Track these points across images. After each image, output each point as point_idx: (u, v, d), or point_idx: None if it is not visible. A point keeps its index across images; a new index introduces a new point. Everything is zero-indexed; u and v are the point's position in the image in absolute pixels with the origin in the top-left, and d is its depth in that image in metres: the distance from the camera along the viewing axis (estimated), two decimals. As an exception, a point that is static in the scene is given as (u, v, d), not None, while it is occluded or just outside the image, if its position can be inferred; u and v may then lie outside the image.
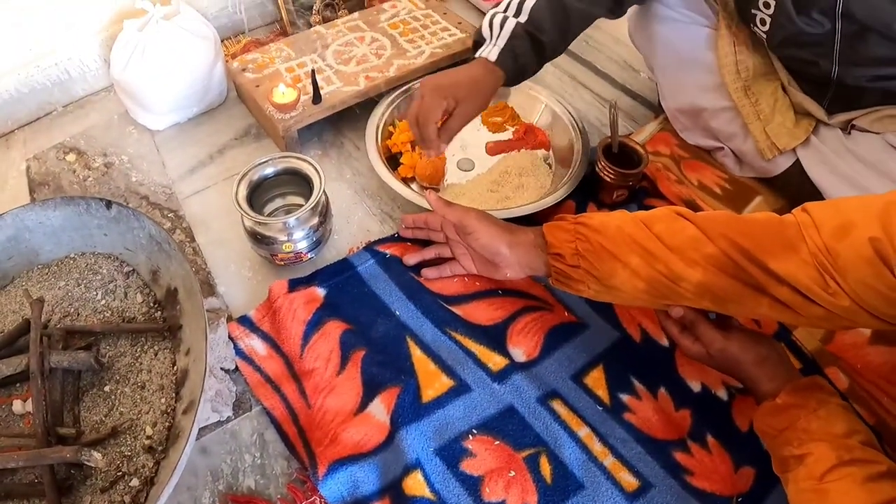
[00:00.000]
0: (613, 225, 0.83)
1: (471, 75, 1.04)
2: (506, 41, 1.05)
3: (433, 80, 1.03)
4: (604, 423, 0.88)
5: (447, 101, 0.99)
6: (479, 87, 1.04)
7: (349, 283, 1.02)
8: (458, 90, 1.00)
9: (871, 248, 0.65)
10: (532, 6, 1.06)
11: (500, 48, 1.05)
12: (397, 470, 0.81)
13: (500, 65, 1.05)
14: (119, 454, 0.81)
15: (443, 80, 1.02)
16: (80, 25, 1.31)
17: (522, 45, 1.06)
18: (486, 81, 1.05)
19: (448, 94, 0.99)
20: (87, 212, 0.97)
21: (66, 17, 1.29)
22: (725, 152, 1.23)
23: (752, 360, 0.82)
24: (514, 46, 1.05)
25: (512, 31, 1.06)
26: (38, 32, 1.27)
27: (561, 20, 1.07)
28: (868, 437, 0.73)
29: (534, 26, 1.05)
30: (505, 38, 1.06)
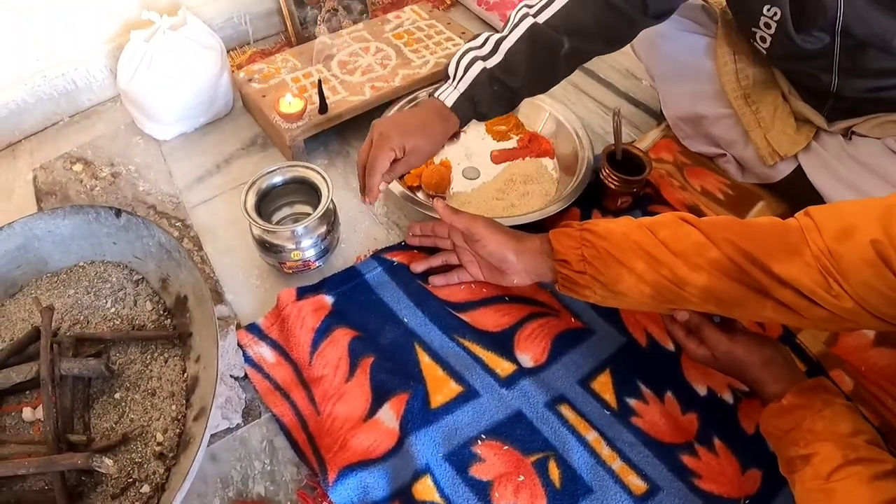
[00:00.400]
0: (619, 231, 0.84)
1: (423, 121, 1.00)
2: (466, 87, 1.00)
3: (382, 127, 0.98)
4: (611, 427, 0.89)
5: (395, 151, 0.96)
6: (430, 133, 1.00)
7: (357, 290, 1.03)
8: (406, 139, 0.97)
9: (873, 250, 0.66)
10: (509, 48, 0.99)
11: (459, 93, 1.00)
12: (407, 475, 0.81)
13: (455, 110, 1.00)
14: (130, 461, 0.82)
15: (392, 128, 0.98)
16: (86, 36, 1.33)
17: (484, 92, 1.00)
18: (438, 127, 1.01)
19: (396, 145, 0.96)
20: (96, 220, 0.98)
21: (72, 28, 1.30)
22: (727, 159, 1.23)
23: (757, 362, 0.83)
24: (475, 94, 1.00)
25: (475, 77, 0.99)
26: (45, 43, 1.28)
27: (544, 61, 1.00)
28: (873, 437, 0.73)
29: (505, 71, 0.99)
30: (466, 84, 1.00)
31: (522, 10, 1.00)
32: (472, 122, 1.27)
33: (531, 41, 0.98)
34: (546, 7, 0.98)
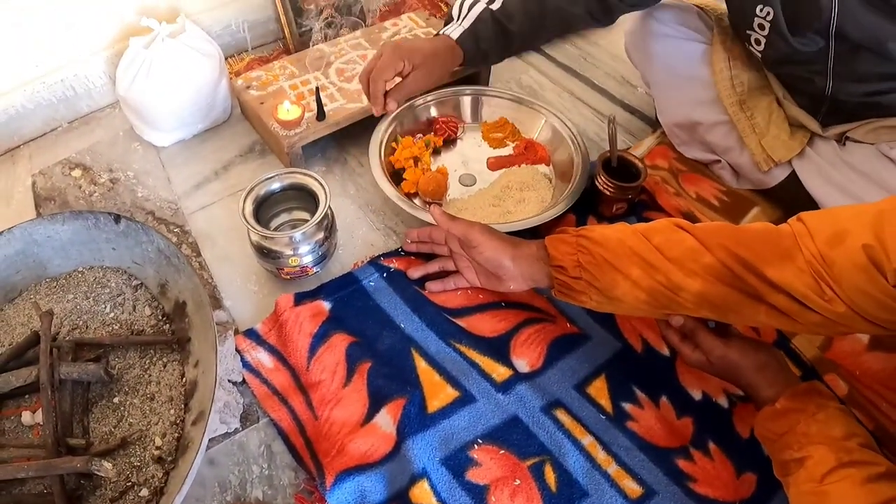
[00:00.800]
0: (614, 237, 0.85)
1: (432, 46, 1.08)
2: (471, 23, 1.08)
3: (394, 42, 1.06)
4: (607, 431, 0.89)
5: (403, 62, 1.02)
6: (438, 58, 1.08)
7: (354, 296, 1.04)
8: (415, 56, 1.04)
9: (865, 254, 0.67)
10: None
11: (463, 28, 1.08)
12: (404, 480, 0.82)
13: (460, 44, 1.08)
14: (128, 464, 0.82)
15: (403, 44, 1.06)
16: (85, 42, 1.34)
17: (486, 29, 1.08)
18: (445, 56, 1.08)
19: (405, 57, 1.02)
20: (95, 226, 0.99)
21: (71, 34, 1.31)
22: (722, 165, 1.25)
23: (751, 367, 0.84)
24: (478, 30, 1.08)
25: (478, 14, 1.08)
26: (44, 49, 1.29)
27: (534, 14, 1.08)
28: (867, 440, 0.74)
29: (504, 14, 1.07)
30: (470, 20, 1.08)
31: None
32: (469, 129, 1.29)
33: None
34: None
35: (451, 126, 1.29)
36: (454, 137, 1.30)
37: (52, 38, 1.29)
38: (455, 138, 1.30)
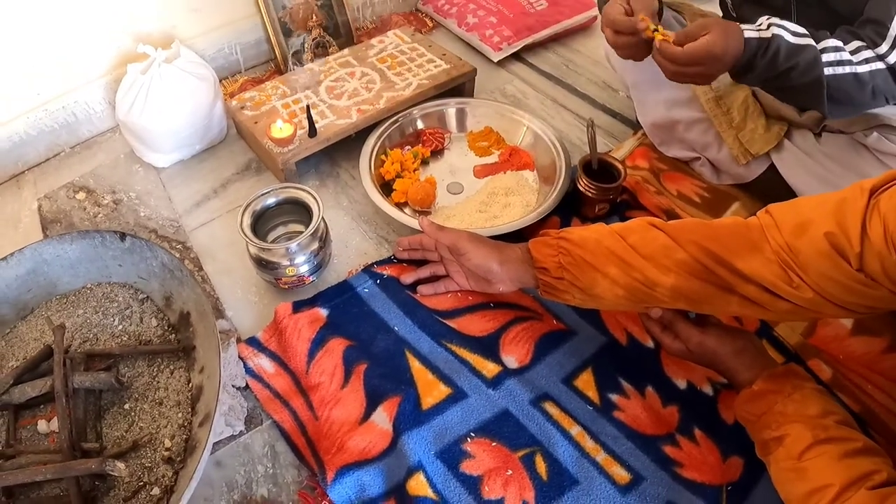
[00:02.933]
0: (592, 238, 0.89)
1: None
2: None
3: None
4: (595, 421, 0.93)
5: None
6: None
7: (350, 303, 1.07)
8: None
9: (828, 242, 0.71)
10: None
11: None
12: (401, 473, 0.85)
13: None
14: (140, 466, 0.86)
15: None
16: (85, 70, 1.38)
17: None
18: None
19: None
20: (102, 244, 1.03)
21: (71, 63, 1.35)
22: (702, 162, 1.28)
23: (729, 352, 0.87)
24: None
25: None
26: (45, 78, 1.33)
27: None
28: (843, 417, 0.77)
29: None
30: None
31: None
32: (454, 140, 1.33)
33: None
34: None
35: (438, 137, 1.34)
36: (441, 148, 1.35)
37: (53, 66, 1.33)
38: (442, 149, 1.35)
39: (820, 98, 0.94)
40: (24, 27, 1.25)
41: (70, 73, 1.36)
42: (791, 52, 0.91)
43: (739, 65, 0.93)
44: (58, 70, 1.34)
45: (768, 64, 0.92)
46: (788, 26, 0.92)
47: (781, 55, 0.91)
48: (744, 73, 0.96)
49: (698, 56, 0.92)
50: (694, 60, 0.93)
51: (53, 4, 1.26)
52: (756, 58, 0.92)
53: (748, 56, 0.92)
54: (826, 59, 0.91)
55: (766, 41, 0.92)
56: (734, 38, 0.91)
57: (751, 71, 0.94)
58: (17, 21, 1.23)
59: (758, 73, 0.94)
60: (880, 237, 0.67)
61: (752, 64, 0.93)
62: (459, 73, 1.41)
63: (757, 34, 0.92)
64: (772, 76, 0.95)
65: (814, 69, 0.92)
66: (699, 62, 0.93)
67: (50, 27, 1.28)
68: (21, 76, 1.30)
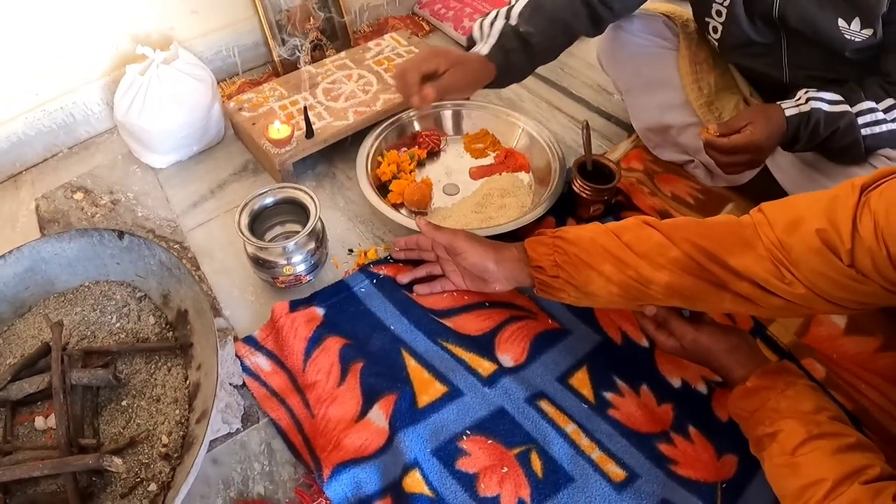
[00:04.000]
0: (587, 237, 0.90)
1: (468, 58, 1.10)
2: (496, 39, 1.11)
3: (434, 47, 1.11)
4: (589, 419, 0.94)
5: (438, 60, 1.05)
6: (471, 66, 1.10)
7: (346, 302, 1.08)
8: (450, 56, 1.07)
9: (819, 238, 0.72)
10: (518, 12, 1.12)
11: (490, 45, 1.11)
12: (397, 470, 0.86)
13: (491, 59, 1.10)
14: (137, 462, 0.87)
15: (442, 49, 1.11)
16: (83, 71, 1.39)
17: (511, 42, 1.11)
18: (478, 66, 1.10)
19: (441, 56, 1.06)
20: (100, 243, 1.04)
21: (69, 64, 1.36)
22: (696, 164, 1.30)
23: (723, 350, 0.88)
24: (504, 43, 1.11)
25: (501, 30, 1.11)
26: (44, 78, 1.34)
27: (545, 26, 1.12)
28: (836, 413, 0.78)
29: (523, 29, 1.11)
30: (495, 37, 1.11)
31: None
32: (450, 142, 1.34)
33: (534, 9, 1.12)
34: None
35: (434, 139, 1.35)
36: (437, 150, 1.36)
37: (51, 67, 1.33)
38: (438, 150, 1.36)
39: (860, 154, 1.02)
40: (22, 27, 1.25)
41: (68, 74, 1.37)
42: (830, 121, 0.98)
43: (785, 140, 1.00)
44: (56, 71, 1.35)
45: (811, 134, 0.99)
46: (824, 96, 0.98)
47: (822, 125, 0.98)
48: (790, 146, 1.04)
49: (742, 147, 1.00)
50: (739, 150, 1.00)
51: (52, 5, 1.27)
52: (799, 131, 0.99)
53: (792, 131, 0.99)
54: (862, 122, 0.97)
55: (806, 115, 0.98)
56: (775, 123, 0.99)
57: (796, 143, 1.02)
58: (15, 21, 1.24)
59: (802, 143, 1.01)
60: (871, 233, 0.68)
61: (797, 137, 1.00)
62: (456, 76, 1.42)
63: (797, 110, 0.99)
64: (815, 144, 1.01)
65: (852, 132, 0.98)
66: (744, 151, 1.00)
67: (49, 28, 1.29)
68: (19, 76, 1.31)
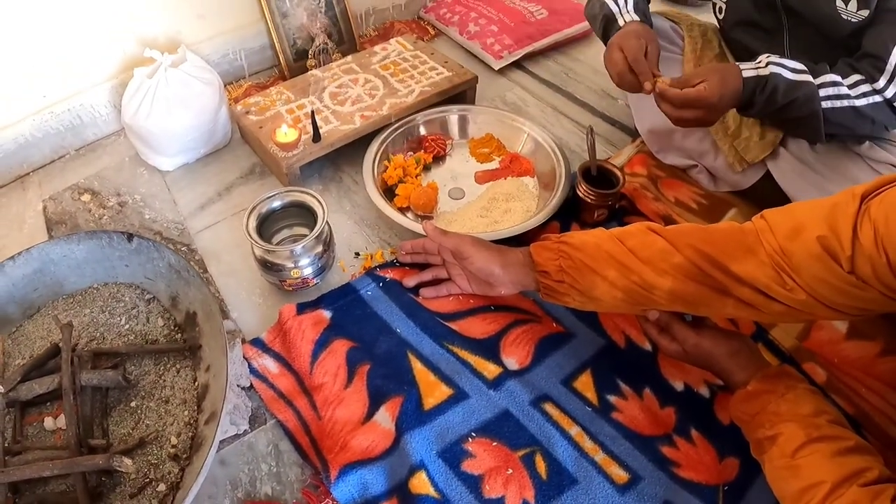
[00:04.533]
0: (592, 242, 0.91)
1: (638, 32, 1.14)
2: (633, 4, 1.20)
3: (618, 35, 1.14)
4: (593, 422, 0.94)
5: (640, 41, 1.10)
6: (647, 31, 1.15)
7: (353, 305, 1.09)
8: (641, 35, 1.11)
9: (820, 245, 0.73)
10: None
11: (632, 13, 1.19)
12: (403, 472, 0.87)
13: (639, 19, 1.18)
14: (146, 462, 0.87)
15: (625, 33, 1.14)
16: (91, 74, 1.40)
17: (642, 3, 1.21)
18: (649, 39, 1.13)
19: (639, 36, 1.10)
20: (109, 245, 1.05)
21: (77, 66, 1.37)
22: (699, 169, 1.30)
23: (724, 353, 0.89)
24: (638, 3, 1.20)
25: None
26: (51, 80, 1.35)
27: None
28: (836, 417, 0.79)
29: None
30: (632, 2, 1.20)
31: None
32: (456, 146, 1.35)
33: None
34: None
35: (440, 143, 1.36)
36: (443, 154, 1.37)
37: (59, 69, 1.35)
38: (444, 155, 1.37)
39: (818, 130, 0.99)
40: (30, 30, 1.27)
41: (76, 77, 1.38)
42: (789, 88, 0.97)
43: (740, 102, 0.99)
44: (64, 73, 1.36)
45: (767, 100, 0.98)
46: (787, 63, 0.98)
47: (780, 91, 0.97)
48: (744, 109, 1.04)
49: (691, 100, 0.99)
50: (689, 104, 0.99)
51: (60, 7, 1.28)
52: (755, 94, 0.98)
53: (748, 93, 0.98)
54: (824, 94, 0.96)
55: (763, 78, 0.97)
56: (731, 82, 0.98)
57: (751, 107, 1.01)
58: (24, 24, 1.25)
59: (757, 108, 1.00)
60: (871, 241, 0.69)
61: (752, 101, 0.99)
62: (461, 81, 1.43)
63: (755, 72, 0.98)
64: (771, 111, 1.00)
65: (811, 103, 0.97)
66: (694, 106, 0.99)
67: (56, 30, 1.30)
68: (27, 79, 1.32)
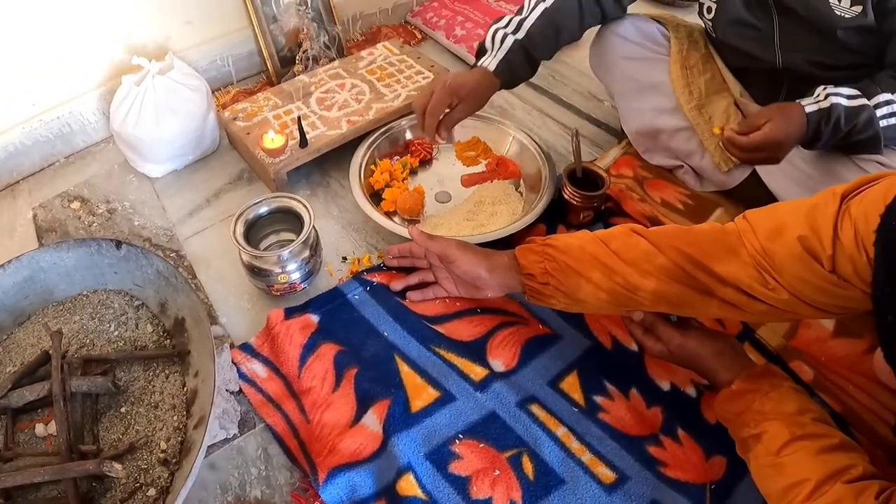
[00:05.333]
0: (576, 245, 0.92)
1: (475, 80, 1.18)
2: (504, 54, 1.20)
3: (443, 79, 1.16)
4: (580, 422, 0.95)
5: (451, 98, 1.14)
6: (480, 90, 1.19)
7: (340, 309, 1.10)
8: (461, 90, 1.15)
9: (801, 245, 0.74)
10: (530, 26, 1.21)
11: (498, 59, 1.20)
12: (391, 474, 0.88)
13: (497, 74, 1.20)
14: (136, 467, 0.88)
15: (452, 80, 1.15)
16: (79, 82, 1.40)
17: (517, 58, 1.21)
18: (485, 86, 1.19)
19: (453, 93, 1.14)
20: (98, 252, 1.05)
21: (66, 75, 1.37)
22: (686, 170, 1.31)
23: (709, 353, 0.90)
24: (510, 60, 1.20)
25: (510, 46, 1.20)
26: (41, 89, 1.35)
27: (551, 39, 1.23)
28: (820, 415, 0.79)
29: (529, 42, 1.20)
30: (504, 52, 1.20)
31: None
32: (444, 149, 1.36)
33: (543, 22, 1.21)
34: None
35: (426, 147, 1.36)
36: (429, 158, 1.38)
37: (47, 77, 1.35)
38: (430, 159, 1.38)
39: (878, 146, 1.04)
40: (18, 38, 1.27)
41: (65, 85, 1.39)
42: (850, 116, 1.00)
43: (807, 138, 1.02)
44: (52, 81, 1.36)
45: (832, 130, 1.01)
46: (842, 91, 1.00)
47: (843, 120, 1.00)
48: (811, 143, 1.05)
49: (760, 145, 1.02)
50: (757, 148, 1.02)
51: (49, 15, 1.28)
52: (820, 127, 1.01)
53: (813, 127, 1.01)
54: (880, 114, 1.00)
55: (826, 111, 1.00)
56: (795, 120, 1.00)
57: (817, 140, 1.03)
58: (11, 32, 1.25)
59: (824, 140, 1.03)
60: (851, 240, 0.69)
61: (818, 134, 1.02)
62: (447, 85, 1.44)
63: (817, 106, 1.01)
64: (836, 140, 1.02)
65: (872, 126, 1.00)
66: (762, 149, 1.02)
67: (45, 38, 1.30)
68: (16, 87, 1.32)
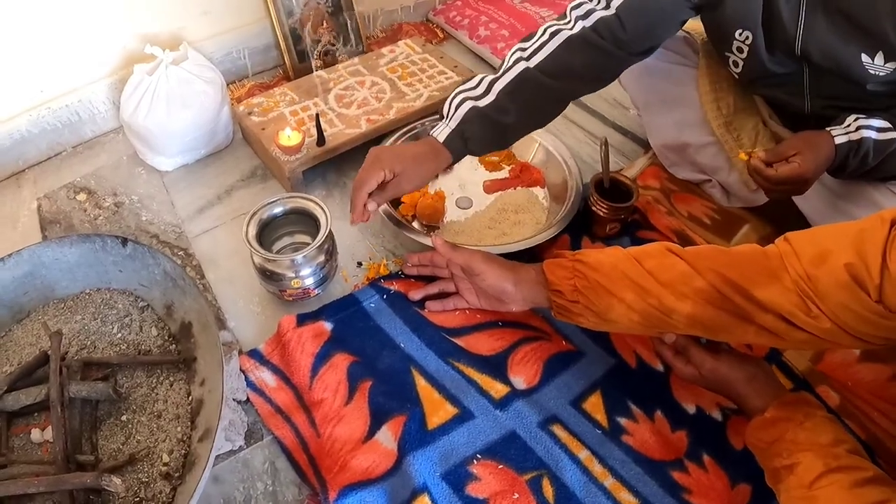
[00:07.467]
0: (608, 262, 0.88)
1: (415, 153, 1.05)
2: (457, 124, 1.05)
3: (378, 150, 1.05)
4: (603, 445, 0.91)
5: (384, 172, 1.00)
6: (420, 164, 1.04)
7: (355, 317, 1.06)
8: (396, 164, 1.02)
9: (847, 273, 0.70)
10: (501, 89, 1.04)
11: (450, 129, 1.05)
12: (405, 494, 0.84)
13: (447, 145, 1.05)
14: (137, 481, 0.84)
15: (386, 153, 1.04)
16: (90, 69, 1.37)
17: (472, 128, 1.04)
18: (430, 160, 1.05)
19: (386, 167, 1.01)
20: (102, 249, 1.02)
21: (76, 61, 1.34)
22: (713, 184, 1.28)
23: (741, 379, 0.87)
24: (465, 130, 1.04)
25: (465, 115, 1.04)
26: (49, 75, 1.32)
27: (533, 103, 1.06)
28: (854, 447, 0.76)
29: (497, 110, 1.04)
30: (456, 122, 1.05)
31: (516, 53, 1.06)
32: (467, 154, 1.31)
33: (522, 84, 1.03)
34: (538, 52, 1.04)
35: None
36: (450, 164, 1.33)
37: (57, 64, 1.32)
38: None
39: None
40: (28, 23, 1.24)
41: (74, 72, 1.35)
42: (879, 149, 0.97)
43: (833, 167, 0.99)
44: (62, 68, 1.33)
45: (860, 162, 0.98)
46: (874, 123, 0.97)
47: (871, 154, 0.97)
48: (837, 173, 1.03)
49: (788, 179, 0.98)
50: (783, 182, 0.98)
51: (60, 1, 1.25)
52: (848, 159, 0.98)
53: (841, 158, 0.98)
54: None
55: (856, 143, 0.97)
56: (825, 152, 0.98)
57: (844, 170, 1.01)
58: (21, 16, 1.22)
59: (850, 170, 1.00)
60: None
61: (845, 165, 0.99)
62: (470, 86, 1.40)
63: (847, 138, 0.98)
64: (863, 171, 1.00)
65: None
66: (789, 182, 0.98)
67: (55, 24, 1.27)
68: (24, 73, 1.29)
